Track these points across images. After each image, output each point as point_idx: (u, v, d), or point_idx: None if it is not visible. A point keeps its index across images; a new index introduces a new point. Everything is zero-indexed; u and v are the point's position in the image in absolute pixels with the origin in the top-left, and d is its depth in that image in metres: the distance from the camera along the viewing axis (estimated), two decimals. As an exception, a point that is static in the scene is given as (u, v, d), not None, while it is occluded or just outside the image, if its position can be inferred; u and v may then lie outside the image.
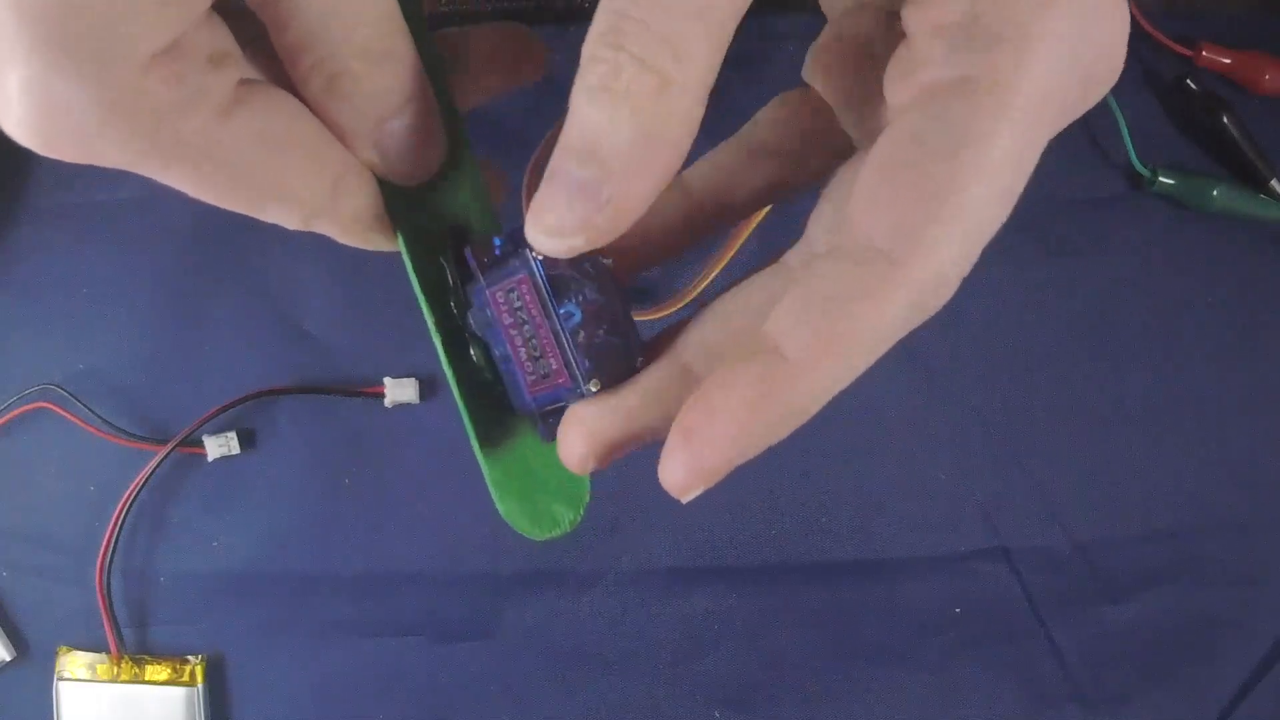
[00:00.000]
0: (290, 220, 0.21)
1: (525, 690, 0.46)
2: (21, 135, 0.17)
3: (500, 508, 0.24)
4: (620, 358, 0.21)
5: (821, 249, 0.21)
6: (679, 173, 0.23)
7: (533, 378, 0.21)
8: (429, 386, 0.46)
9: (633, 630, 0.46)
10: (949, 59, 0.17)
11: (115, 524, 0.44)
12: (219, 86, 0.18)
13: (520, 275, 0.20)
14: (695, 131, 0.19)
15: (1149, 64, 0.48)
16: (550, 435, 0.22)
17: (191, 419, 0.44)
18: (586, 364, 0.21)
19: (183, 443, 0.44)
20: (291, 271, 0.46)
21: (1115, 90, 0.45)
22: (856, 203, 0.18)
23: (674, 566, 0.46)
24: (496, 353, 0.22)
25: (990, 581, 0.47)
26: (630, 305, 0.22)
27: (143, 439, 0.44)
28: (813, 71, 0.22)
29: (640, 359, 0.21)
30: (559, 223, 0.19)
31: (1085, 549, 0.47)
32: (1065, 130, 0.18)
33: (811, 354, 0.18)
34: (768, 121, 0.24)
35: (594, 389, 0.21)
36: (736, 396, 0.18)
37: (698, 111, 0.19)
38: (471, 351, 0.23)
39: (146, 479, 0.44)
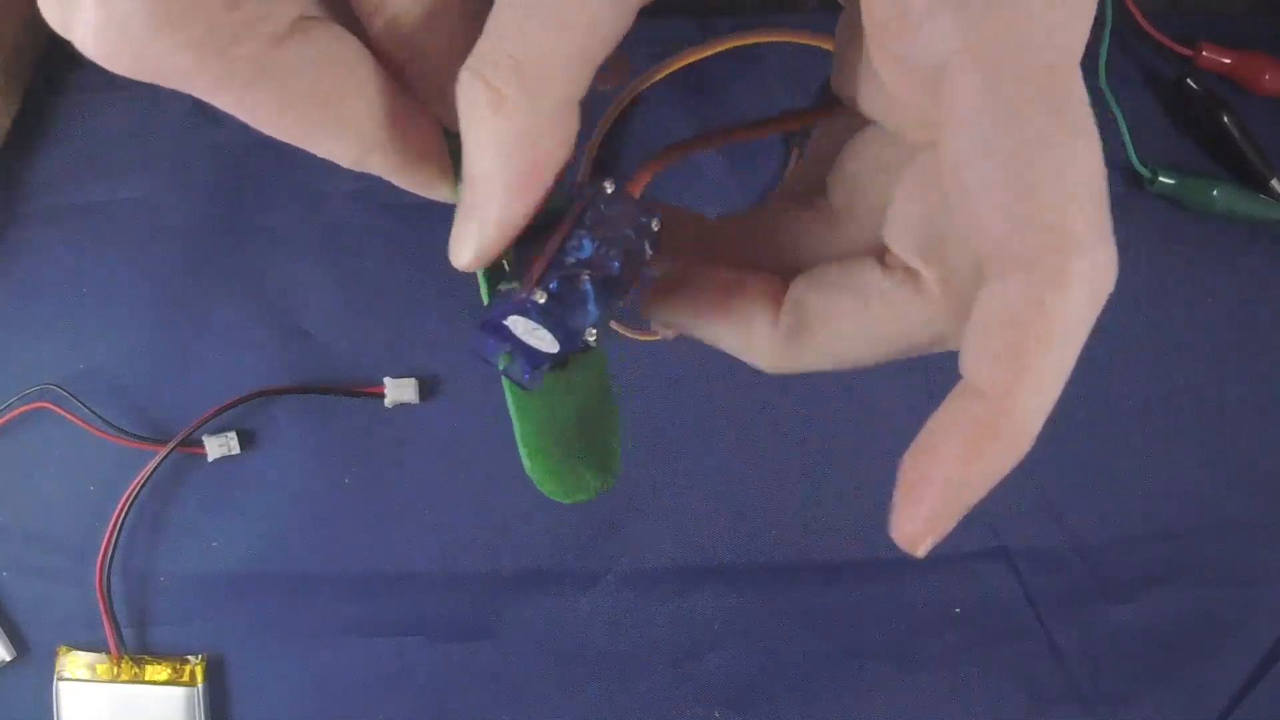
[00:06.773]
0: (344, 154, 0.21)
1: (525, 690, 0.46)
2: (86, 46, 0.18)
3: (526, 464, 0.24)
4: (582, 314, 0.21)
5: (905, 244, 0.21)
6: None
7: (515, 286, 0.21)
8: (429, 387, 0.46)
9: (633, 630, 0.46)
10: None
11: (115, 524, 0.44)
12: (276, 17, 0.19)
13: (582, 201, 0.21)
14: (563, 147, 0.19)
15: (1149, 64, 0.48)
16: (524, 379, 0.22)
17: (191, 419, 0.44)
18: (554, 286, 0.20)
19: (183, 443, 0.44)
20: (291, 271, 0.46)
21: (1115, 90, 0.45)
22: (977, 224, 0.18)
23: (674, 566, 0.46)
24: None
25: (990, 581, 0.47)
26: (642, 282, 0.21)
27: (143, 439, 0.44)
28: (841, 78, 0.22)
29: (594, 333, 0.21)
30: (454, 235, 0.20)
31: (1085, 549, 0.47)
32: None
33: (1006, 385, 0.18)
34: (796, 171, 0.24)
35: (540, 299, 0.20)
36: (953, 443, 0.19)
37: (557, 127, 0.19)
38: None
39: (146, 479, 0.44)
